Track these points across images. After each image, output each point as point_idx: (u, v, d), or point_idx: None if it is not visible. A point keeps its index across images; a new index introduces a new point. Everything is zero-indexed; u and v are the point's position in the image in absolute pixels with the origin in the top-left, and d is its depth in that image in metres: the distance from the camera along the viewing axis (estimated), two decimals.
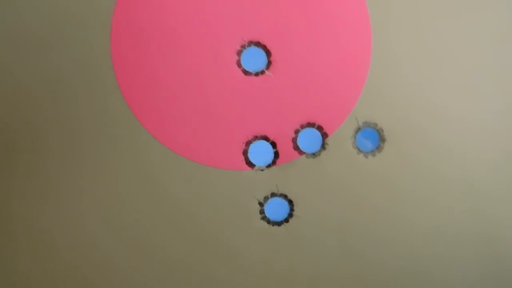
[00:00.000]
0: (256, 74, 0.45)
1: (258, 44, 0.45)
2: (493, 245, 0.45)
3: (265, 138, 0.45)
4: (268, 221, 0.45)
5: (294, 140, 0.45)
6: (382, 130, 0.45)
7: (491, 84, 0.44)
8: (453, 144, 0.45)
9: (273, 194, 0.45)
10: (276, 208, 0.45)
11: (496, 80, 0.44)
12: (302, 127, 0.45)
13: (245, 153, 0.45)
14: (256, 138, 0.45)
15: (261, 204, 0.45)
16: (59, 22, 0.44)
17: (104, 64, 0.44)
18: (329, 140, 0.45)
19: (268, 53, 0.45)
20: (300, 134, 0.45)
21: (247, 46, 0.45)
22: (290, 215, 0.45)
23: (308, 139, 0.45)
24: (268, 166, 0.45)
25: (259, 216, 0.45)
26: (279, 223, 0.45)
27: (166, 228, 0.45)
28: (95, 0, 0.44)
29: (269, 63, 0.45)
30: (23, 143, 0.44)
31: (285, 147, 0.45)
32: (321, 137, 0.45)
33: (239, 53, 0.45)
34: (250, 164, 0.45)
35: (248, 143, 0.45)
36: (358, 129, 0.45)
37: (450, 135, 0.45)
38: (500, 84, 0.44)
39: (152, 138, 0.45)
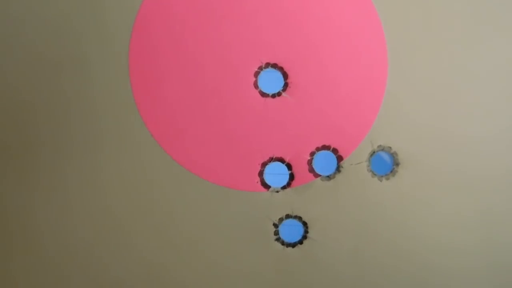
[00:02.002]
0: (273, 96, 0.45)
1: (275, 66, 0.45)
2: (508, 268, 0.46)
3: (281, 160, 0.45)
4: (283, 243, 0.45)
5: (309, 163, 0.45)
6: (397, 154, 0.45)
7: (508, 107, 0.45)
8: (467, 166, 0.45)
9: (287, 216, 0.45)
10: (290, 230, 0.45)
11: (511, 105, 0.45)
12: (318, 149, 0.45)
13: (260, 174, 0.45)
14: (271, 159, 0.45)
15: (275, 226, 0.45)
16: (77, 44, 0.44)
17: (122, 86, 0.44)
18: (344, 163, 0.45)
19: (285, 75, 0.45)
20: (316, 157, 0.45)
21: (265, 68, 0.45)
22: (305, 237, 0.46)
23: (323, 162, 0.45)
24: (283, 187, 0.45)
25: (274, 237, 0.45)
26: (293, 245, 0.45)
27: (180, 246, 0.45)
28: (113, 22, 0.44)
29: (286, 85, 0.45)
30: (45, 161, 0.44)
31: (300, 169, 0.45)
32: (336, 160, 0.45)
33: (256, 74, 0.45)
34: (265, 185, 0.45)
35: (264, 165, 0.45)
36: (372, 153, 0.45)
37: (463, 157, 0.45)
38: None
39: (168, 157, 0.45)
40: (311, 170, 0.45)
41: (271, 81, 0.45)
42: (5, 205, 0.45)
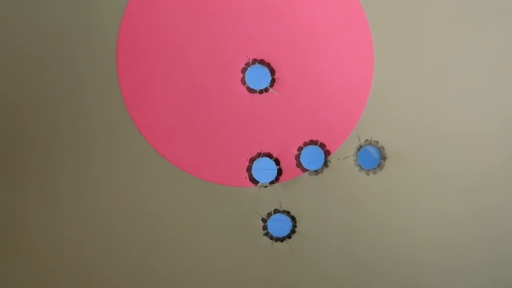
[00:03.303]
0: (260, 92, 0.45)
1: (262, 62, 0.45)
2: (493, 263, 0.46)
3: (269, 155, 0.46)
4: (271, 237, 0.46)
5: (297, 158, 0.46)
6: (383, 148, 0.46)
7: (492, 103, 0.46)
8: (453, 161, 0.46)
9: (276, 211, 0.46)
10: (279, 225, 0.46)
11: (495, 99, 0.46)
12: (305, 144, 0.46)
13: (249, 169, 0.46)
14: (259, 155, 0.46)
15: (264, 221, 0.46)
16: (65, 41, 0.44)
17: (111, 84, 0.44)
18: (331, 158, 0.46)
19: (272, 71, 0.45)
20: (303, 152, 0.46)
21: (252, 64, 0.45)
22: (293, 231, 0.46)
23: (311, 157, 0.46)
24: (272, 182, 0.46)
25: (262, 232, 0.46)
26: (281, 239, 0.46)
27: (169, 242, 0.46)
28: (101, 18, 0.44)
29: (273, 81, 0.45)
30: (34, 161, 0.45)
31: (288, 164, 0.46)
32: (323, 155, 0.46)
33: (243, 70, 0.45)
34: (253, 180, 0.46)
35: (252, 160, 0.46)
36: (360, 147, 0.46)
37: (449, 152, 0.46)
38: (499, 104, 0.46)
39: (157, 154, 0.45)
40: (299, 165, 0.46)
41: (258, 77, 0.45)
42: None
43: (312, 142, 0.46)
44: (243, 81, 0.45)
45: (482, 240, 0.46)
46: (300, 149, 0.46)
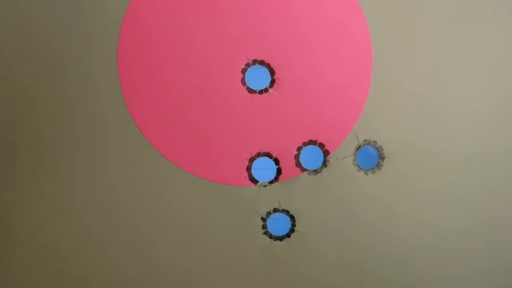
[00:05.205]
0: (260, 92, 0.46)
1: (262, 62, 0.46)
2: (491, 263, 0.46)
3: (268, 155, 0.46)
4: (270, 236, 0.46)
5: (296, 157, 0.46)
6: (382, 148, 0.46)
7: (492, 103, 0.46)
8: (452, 161, 0.46)
9: (275, 210, 0.46)
10: (278, 224, 0.46)
11: (496, 98, 0.46)
12: (304, 144, 0.46)
13: (248, 169, 0.46)
14: (259, 154, 0.46)
15: (263, 220, 0.46)
16: (66, 40, 0.45)
17: (111, 82, 0.45)
18: (330, 158, 0.46)
19: (271, 71, 0.46)
20: (302, 151, 0.46)
21: (252, 65, 0.46)
22: (292, 230, 0.46)
23: (310, 156, 0.46)
24: (271, 182, 0.46)
25: (262, 231, 0.46)
26: (281, 238, 0.46)
27: (169, 242, 0.46)
28: (102, 17, 0.45)
29: (272, 82, 0.46)
30: (31, 157, 0.45)
31: (287, 163, 0.46)
32: (322, 154, 0.46)
33: (243, 71, 0.46)
34: (253, 180, 0.46)
35: (252, 160, 0.46)
36: (358, 147, 0.46)
37: (449, 153, 0.46)
38: (499, 104, 0.46)
39: (157, 153, 0.45)
40: (298, 164, 0.46)
41: (258, 77, 0.46)
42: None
43: (311, 142, 0.46)
44: (243, 82, 0.46)
45: (482, 235, 0.46)
46: (299, 148, 0.46)
